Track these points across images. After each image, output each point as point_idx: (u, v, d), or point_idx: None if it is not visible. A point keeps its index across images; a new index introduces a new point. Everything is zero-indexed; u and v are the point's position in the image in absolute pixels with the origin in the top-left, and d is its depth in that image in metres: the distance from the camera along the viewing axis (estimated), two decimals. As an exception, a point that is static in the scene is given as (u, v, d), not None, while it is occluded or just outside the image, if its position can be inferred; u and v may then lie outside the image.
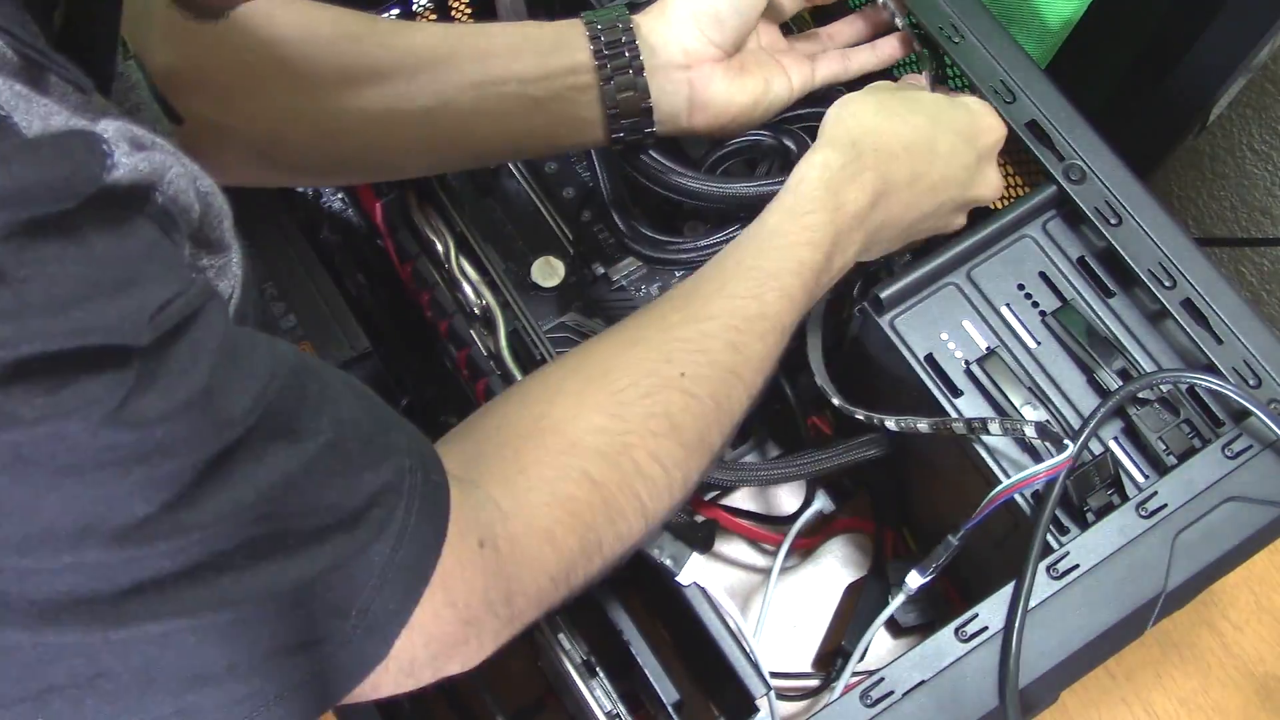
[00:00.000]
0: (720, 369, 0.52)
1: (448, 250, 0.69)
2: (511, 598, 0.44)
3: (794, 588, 0.76)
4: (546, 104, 0.60)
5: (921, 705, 0.53)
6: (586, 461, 0.47)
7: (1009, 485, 0.55)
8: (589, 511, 0.47)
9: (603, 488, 0.47)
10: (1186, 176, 1.09)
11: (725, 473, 0.62)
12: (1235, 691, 0.74)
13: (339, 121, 0.59)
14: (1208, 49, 0.77)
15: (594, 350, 0.53)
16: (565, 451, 0.47)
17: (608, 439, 0.48)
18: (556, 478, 0.47)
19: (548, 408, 0.49)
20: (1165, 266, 0.60)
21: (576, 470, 0.47)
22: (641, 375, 0.50)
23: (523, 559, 0.45)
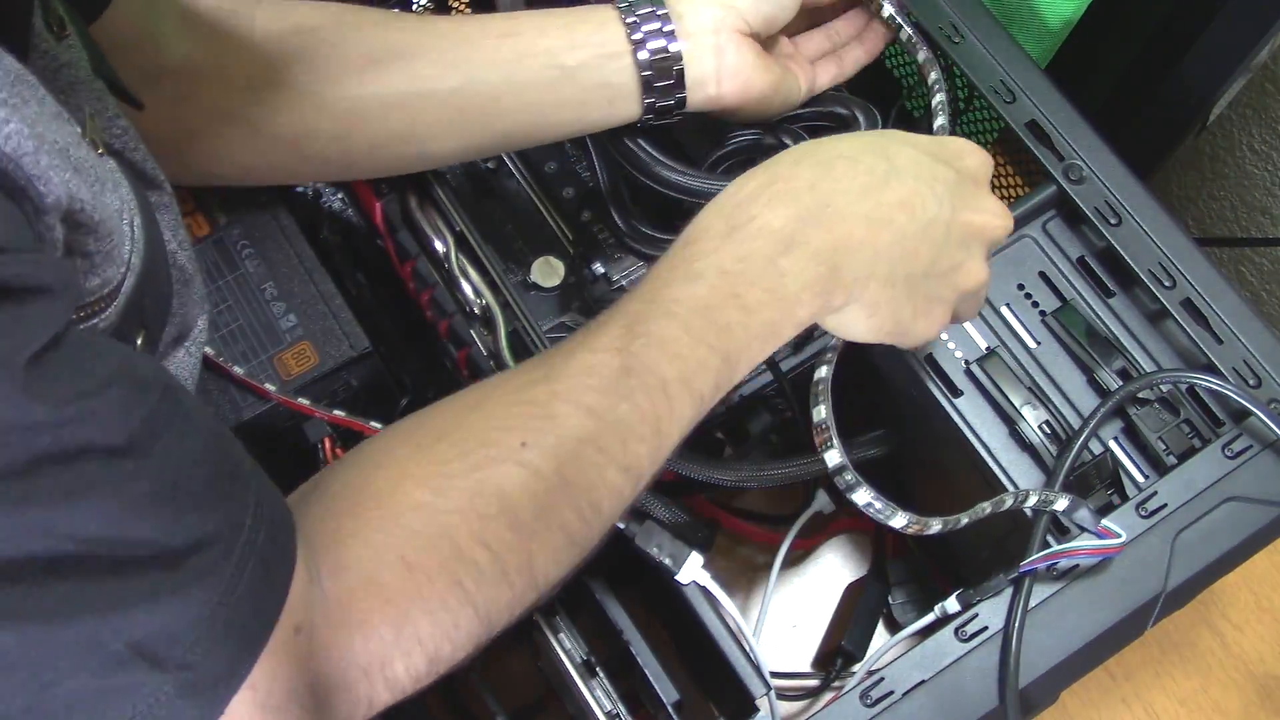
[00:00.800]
0: (570, 439, 0.45)
1: (448, 250, 0.69)
2: (318, 691, 0.40)
3: (794, 588, 0.76)
4: (576, 73, 0.60)
5: (921, 705, 0.53)
6: (403, 543, 0.42)
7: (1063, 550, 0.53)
8: (403, 599, 0.42)
9: (418, 573, 0.42)
10: (1186, 176, 1.09)
11: (725, 473, 0.62)
12: (1235, 691, 0.74)
13: (367, 106, 0.59)
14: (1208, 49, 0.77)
15: (434, 413, 0.47)
16: (381, 529, 0.42)
17: (427, 518, 0.43)
18: (370, 558, 0.42)
19: (373, 474, 0.44)
20: (1165, 266, 0.60)
21: (392, 553, 0.42)
22: (474, 445, 0.44)
23: (333, 648, 0.41)
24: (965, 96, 0.69)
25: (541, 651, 0.61)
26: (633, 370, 0.46)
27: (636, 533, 0.57)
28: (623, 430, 0.46)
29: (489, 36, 0.60)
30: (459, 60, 0.60)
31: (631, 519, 0.58)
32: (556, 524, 0.45)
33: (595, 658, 0.59)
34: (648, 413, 0.46)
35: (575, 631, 0.60)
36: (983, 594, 0.55)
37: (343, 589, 0.41)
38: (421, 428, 0.47)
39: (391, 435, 0.47)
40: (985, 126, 0.70)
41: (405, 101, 0.59)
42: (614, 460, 0.46)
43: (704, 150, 0.69)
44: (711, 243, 0.48)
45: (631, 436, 0.46)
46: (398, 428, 0.47)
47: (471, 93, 0.60)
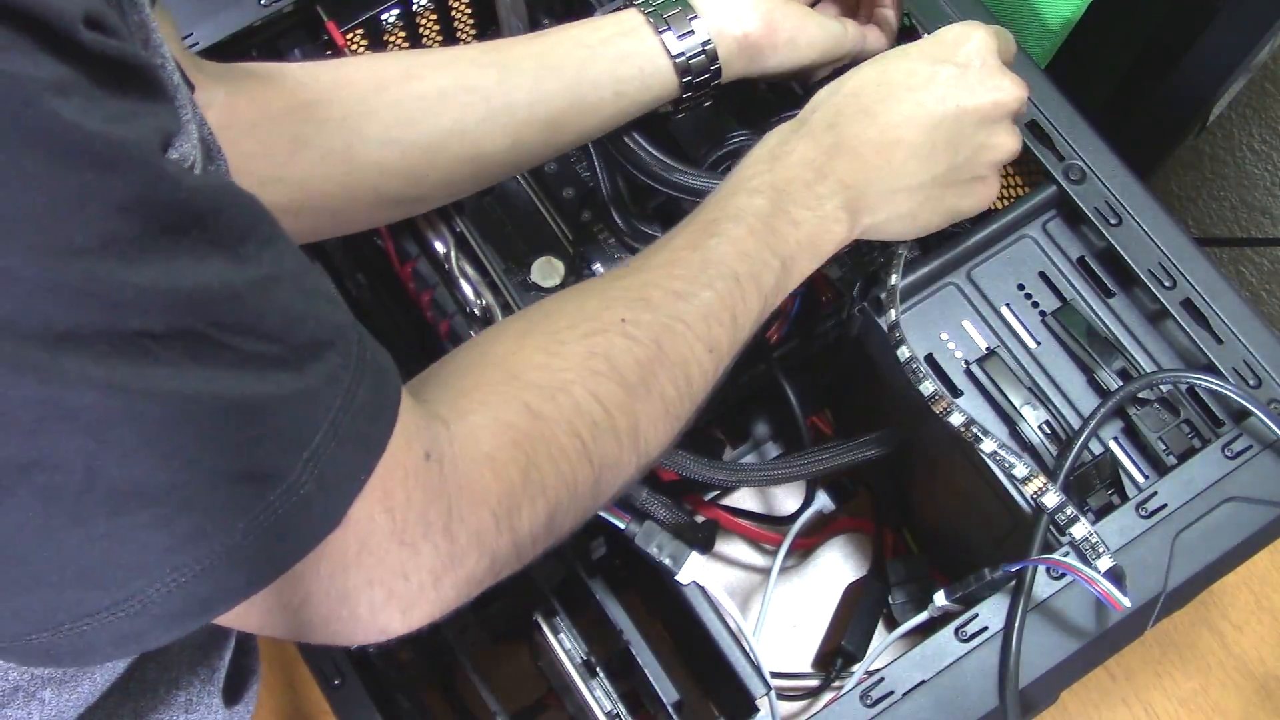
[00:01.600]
0: (663, 314, 0.50)
1: (448, 251, 0.69)
2: (451, 527, 0.41)
3: (794, 588, 0.76)
4: (602, 50, 0.61)
5: (921, 705, 0.53)
6: (525, 393, 0.46)
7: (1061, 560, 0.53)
8: (529, 443, 0.45)
9: (542, 420, 0.45)
10: (1186, 176, 1.09)
11: (725, 473, 0.62)
12: (1235, 691, 0.74)
13: (414, 105, 0.60)
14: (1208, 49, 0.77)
15: (539, 305, 0.52)
16: (505, 382, 0.46)
17: (546, 375, 0.47)
18: (498, 403, 0.45)
19: (490, 346, 0.49)
20: (1165, 266, 0.60)
21: (516, 400, 0.45)
22: (581, 319, 0.49)
23: (465, 482, 0.42)
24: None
25: (541, 651, 0.61)
26: (710, 262, 0.52)
27: (636, 533, 0.57)
28: (706, 312, 0.51)
29: (517, 40, 0.62)
30: (493, 60, 0.61)
31: (631, 519, 0.58)
32: (656, 390, 0.50)
33: (595, 658, 0.59)
34: (725, 300, 0.52)
35: (575, 631, 0.60)
36: (967, 587, 0.55)
37: (472, 425, 0.44)
38: (529, 314, 0.51)
39: (499, 325, 0.52)
40: (985, 126, 0.70)
41: (450, 97, 0.60)
42: (700, 338, 0.51)
43: (704, 150, 0.69)
44: (762, 166, 0.55)
45: (713, 319, 0.51)
46: (503, 320, 0.52)
47: (512, 84, 0.61)
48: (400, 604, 0.41)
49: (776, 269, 0.54)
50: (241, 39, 0.68)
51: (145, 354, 0.32)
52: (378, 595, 0.40)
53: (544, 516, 0.46)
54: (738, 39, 0.62)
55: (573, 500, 0.47)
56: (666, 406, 0.50)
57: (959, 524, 0.68)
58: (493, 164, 0.63)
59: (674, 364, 0.50)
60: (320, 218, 0.61)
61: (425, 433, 0.42)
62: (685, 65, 0.61)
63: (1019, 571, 0.54)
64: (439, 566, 0.42)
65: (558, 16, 0.73)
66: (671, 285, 0.51)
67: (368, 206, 0.62)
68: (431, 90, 0.60)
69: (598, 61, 0.61)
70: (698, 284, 0.51)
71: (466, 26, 0.79)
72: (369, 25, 0.73)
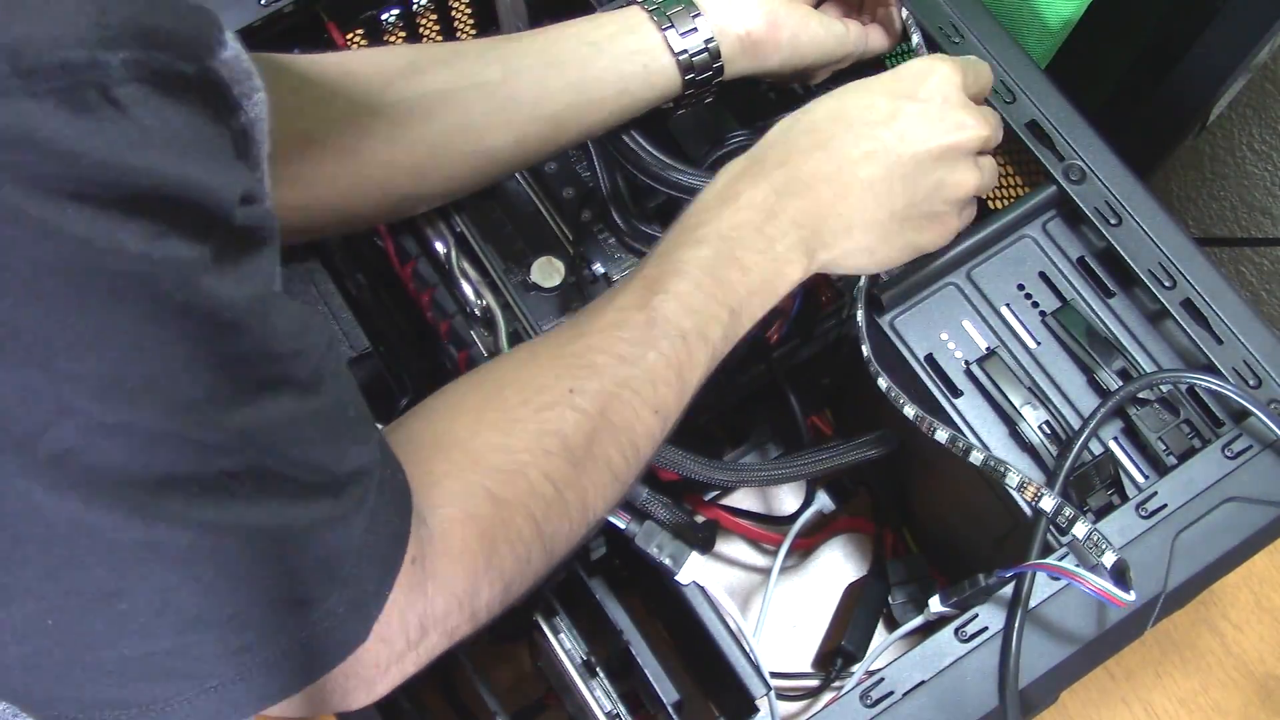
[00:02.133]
0: (610, 384, 0.50)
1: (448, 251, 0.69)
2: (423, 619, 0.44)
3: (794, 588, 0.76)
4: (606, 46, 0.61)
5: (921, 705, 0.53)
6: (487, 479, 0.47)
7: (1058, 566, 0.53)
8: (491, 531, 0.47)
9: (502, 506, 0.47)
10: (1186, 176, 1.09)
11: (725, 473, 0.62)
12: (1235, 691, 0.74)
13: (417, 103, 0.60)
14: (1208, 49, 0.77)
15: (491, 370, 0.53)
16: (469, 468, 0.47)
17: (504, 457, 0.48)
18: (464, 493, 0.46)
19: (450, 424, 0.49)
20: (1165, 266, 0.60)
21: (480, 488, 0.47)
22: (532, 393, 0.50)
23: (438, 577, 0.45)
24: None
25: (541, 651, 0.61)
26: (655, 322, 0.51)
27: (636, 533, 0.57)
28: (652, 375, 0.51)
29: (520, 37, 0.63)
30: (497, 56, 0.61)
31: (631, 519, 0.58)
32: (603, 460, 0.50)
33: (595, 658, 0.59)
34: (672, 360, 0.52)
35: (575, 631, 0.60)
36: (962, 592, 0.55)
37: (445, 522, 0.45)
38: (483, 382, 0.52)
39: (456, 391, 0.52)
40: (985, 126, 0.70)
41: (455, 94, 0.60)
42: (647, 402, 0.51)
43: (703, 150, 0.69)
44: (709, 214, 0.54)
45: (660, 381, 0.51)
46: (459, 384, 0.52)
47: (516, 81, 0.61)
48: (368, 688, 0.45)
49: (725, 320, 0.53)
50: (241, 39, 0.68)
51: (226, 492, 0.36)
52: (351, 684, 0.44)
53: (500, 593, 0.48)
54: (740, 37, 0.62)
55: (525, 575, 0.49)
56: (614, 474, 0.51)
57: (959, 524, 0.68)
58: (497, 160, 0.63)
59: (620, 431, 0.51)
60: (326, 215, 0.61)
61: (415, 537, 0.44)
62: (688, 63, 0.61)
63: (1015, 575, 0.54)
64: (405, 649, 0.44)
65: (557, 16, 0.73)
66: (616, 349, 0.51)
67: (373, 204, 0.62)
68: (436, 87, 0.60)
69: (601, 58, 0.61)
70: (643, 346, 0.51)
71: (466, 26, 0.79)
72: (369, 25, 0.74)
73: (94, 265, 0.31)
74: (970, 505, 0.63)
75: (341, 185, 0.60)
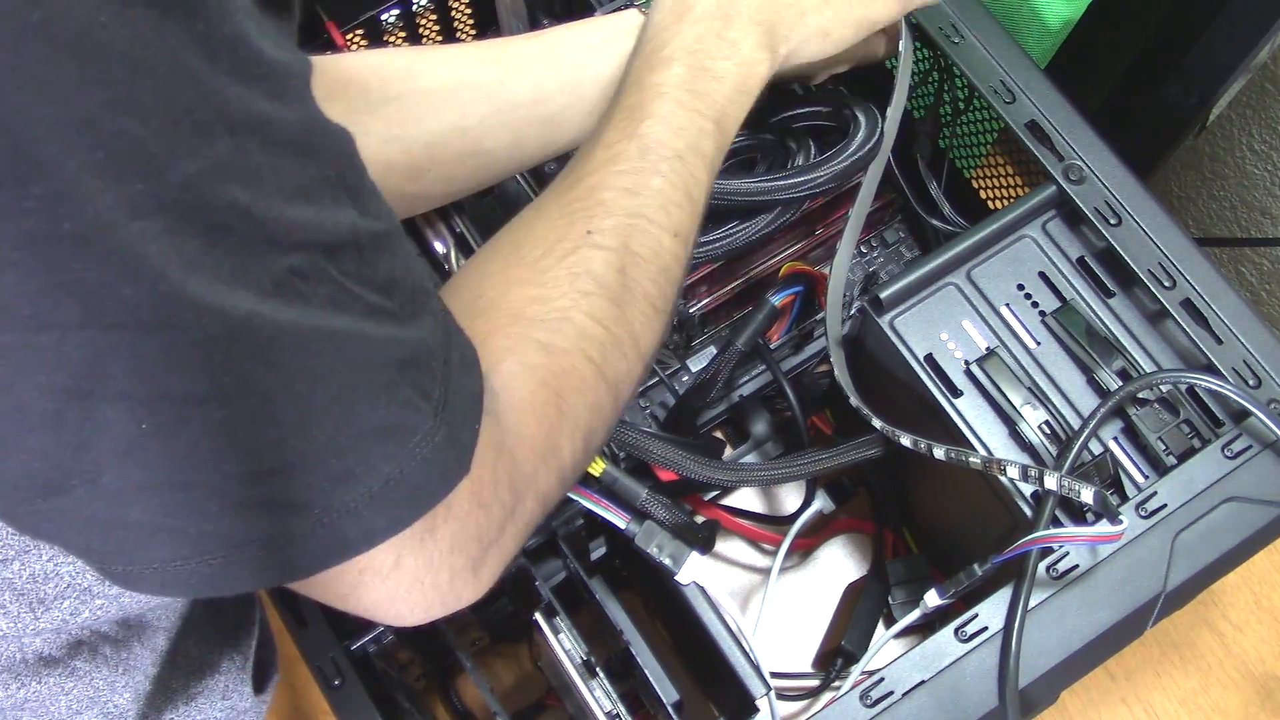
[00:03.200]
0: (623, 216, 0.50)
1: (448, 251, 0.69)
2: (514, 480, 0.43)
3: (794, 588, 0.76)
4: (603, 48, 0.61)
5: (921, 705, 0.53)
6: (533, 329, 0.47)
7: (1052, 535, 0.53)
8: (555, 379, 0.46)
9: (557, 353, 0.46)
10: (1186, 176, 1.09)
11: (725, 473, 0.62)
12: (1235, 691, 0.74)
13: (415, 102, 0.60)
14: (1208, 49, 0.77)
15: (504, 234, 0.52)
16: (510, 323, 0.47)
17: (544, 308, 0.47)
18: (514, 347, 0.46)
19: (480, 289, 0.49)
20: (1165, 266, 0.60)
21: (529, 339, 0.46)
22: (552, 242, 0.50)
23: (516, 433, 0.44)
24: (965, 96, 0.69)
25: (541, 651, 0.61)
26: (649, 149, 0.52)
27: (636, 533, 0.57)
28: (662, 199, 0.51)
29: (518, 39, 0.63)
30: (495, 57, 0.61)
31: (631, 519, 0.58)
32: (640, 291, 0.50)
33: (595, 658, 0.59)
34: (676, 182, 0.52)
35: (575, 631, 0.60)
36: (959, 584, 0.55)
37: (505, 376, 0.45)
38: (499, 245, 0.51)
39: (474, 263, 0.51)
40: (985, 126, 0.70)
41: (452, 94, 0.60)
42: (664, 228, 0.51)
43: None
44: (669, 31, 0.55)
45: (670, 204, 0.51)
46: (478, 254, 0.52)
47: (513, 82, 0.61)
48: (474, 566, 0.42)
49: (712, 132, 0.54)
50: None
51: (299, 296, 0.33)
52: (458, 561, 0.41)
53: (581, 444, 0.48)
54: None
55: (601, 421, 0.49)
56: (652, 304, 0.51)
57: (959, 524, 0.68)
58: (493, 162, 0.63)
59: (647, 260, 0.51)
60: None
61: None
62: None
63: (1016, 570, 0.54)
64: (504, 519, 0.43)
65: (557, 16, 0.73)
66: (619, 183, 0.51)
67: None
68: (434, 87, 0.60)
69: (599, 60, 0.61)
70: (644, 174, 0.51)
71: (466, 26, 0.79)
72: (369, 25, 0.74)
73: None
74: (970, 505, 0.63)
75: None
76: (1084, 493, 0.52)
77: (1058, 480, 0.53)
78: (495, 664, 0.74)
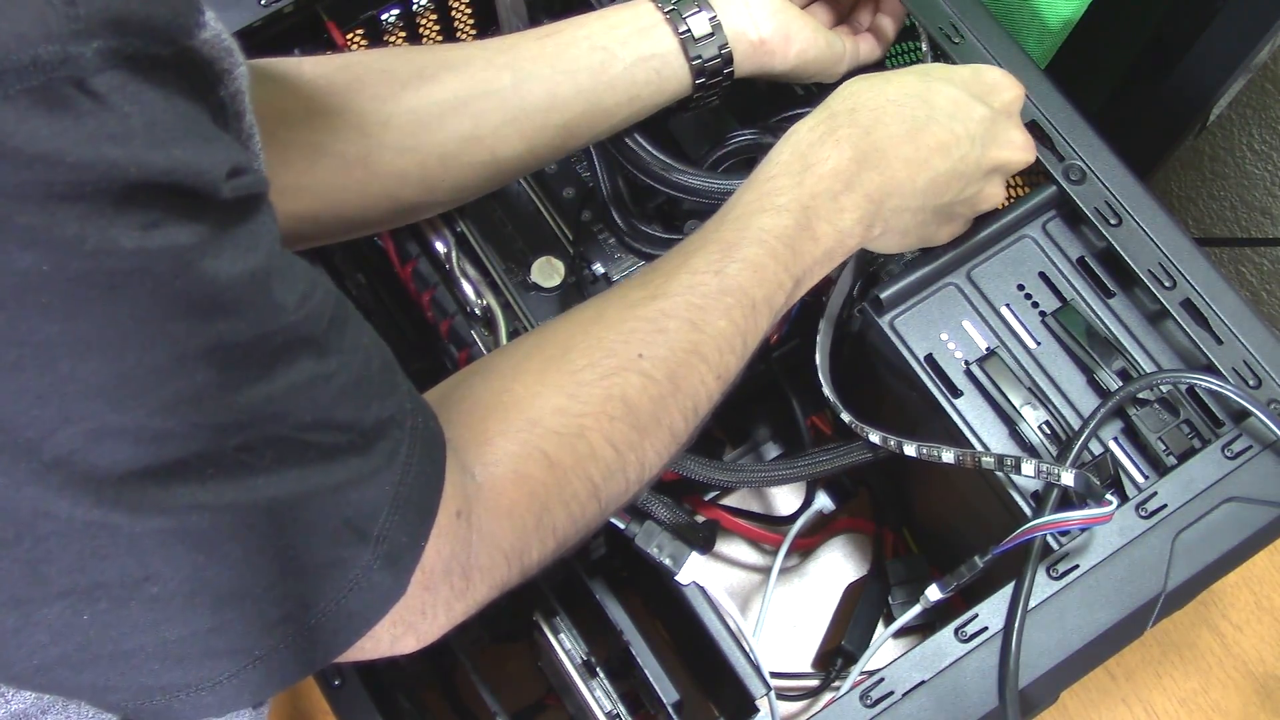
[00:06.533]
0: (679, 349, 0.50)
1: (448, 251, 0.69)
2: (469, 573, 0.45)
3: (794, 588, 0.76)
4: (620, 52, 0.61)
5: (921, 705, 0.53)
6: (545, 441, 0.47)
7: (1043, 523, 0.54)
8: (545, 492, 0.47)
9: (558, 469, 0.47)
10: (1186, 176, 1.09)
11: (725, 473, 0.62)
12: (1235, 691, 0.74)
13: (429, 113, 0.59)
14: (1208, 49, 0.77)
15: (557, 328, 0.52)
16: (525, 429, 0.47)
17: (565, 420, 0.48)
18: (518, 454, 0.46)
19: (510, 383, 0.49)
20: (1165, 267, 0.60)
21: (536, 449, 0.47)
22: (600, 356, 0.49)
23: (486, 534, 0.45)
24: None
25: (541, 651, 0.61)
26: (728, 290, 0.52)
27: (636, 533, 0.57)
28: (720, 342, 0.51)
29: (531, 39, 0.62)
30: (508, 61, 0.61)
31: (631, 519, 0.58)
32: (666, 424, 0.51)
33: (595, 658, 0.59)
34: (740, 327, 0.52)
35: (575, 631, 0.60)
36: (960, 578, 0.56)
37: (495, 479, 0.45)
38: (547, 342, 0.51)
39: (519, 349, 0.51)
40: (985, 126, 0.70)
41: (465, 103, 0.60)
42: (713, 368, 0.52)
43: (704, 150, 0.69)
44: (791, 179, 0.54)
45: (726, 348, 0.52)
46: (523, 342, 0.52)
47: (527, 89, 0.60)
48: (416, 634, 0.44)
49: (789, 288, 0.54)
50: (241, 39, 0.68)
51: (245, 468, 0.35)
52: (398, 630, 0.43)
53: (551, 549, 0.48)
54: (754, 44, 0.62)
55: (579, 531, 0.50)
56: (674, 436, 0.52)
57: (959, 524, 0.68)
58: (506, 168, 0.63)
59: (685, 396, 0.51)
60: (337, 223, 0.61)
61: (460, 491, 0.44)
62: (701, 68, 0.61)
63: (1016, 570, 0.54)
64: (451, 598, 0.44)
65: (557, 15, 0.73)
66: (688, 315, 0.51)
67: (383, 212, 0.62)
68: (446, 96, 0.60)
69: (614, 65, 0.61)
70: (714, 313, 0.51)
71: (466, 26, 0.79)
72: (369, 25, 0.73)
73: (89, 266, 0.30)
74: (970, 505, 0.63)
75: (351, 196, 0.60)
76: (1064, 476, 0.54)
77: (1035, 467, 0.54)
78: (495, 664, 0.74)
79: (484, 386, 0.49)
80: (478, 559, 0.45)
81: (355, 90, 0.59)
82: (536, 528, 0.47)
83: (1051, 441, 0.58)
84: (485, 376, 0.50)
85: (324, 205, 0.59)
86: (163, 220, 0.32)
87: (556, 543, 0.48)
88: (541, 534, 0.47)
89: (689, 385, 0.51)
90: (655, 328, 0.50)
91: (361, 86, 0.59)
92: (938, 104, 0.57)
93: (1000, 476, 0.57)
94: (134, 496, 0.33)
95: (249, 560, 0.36)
